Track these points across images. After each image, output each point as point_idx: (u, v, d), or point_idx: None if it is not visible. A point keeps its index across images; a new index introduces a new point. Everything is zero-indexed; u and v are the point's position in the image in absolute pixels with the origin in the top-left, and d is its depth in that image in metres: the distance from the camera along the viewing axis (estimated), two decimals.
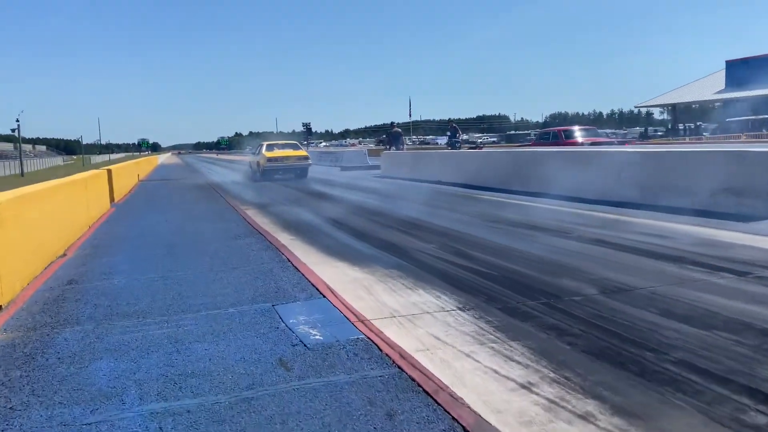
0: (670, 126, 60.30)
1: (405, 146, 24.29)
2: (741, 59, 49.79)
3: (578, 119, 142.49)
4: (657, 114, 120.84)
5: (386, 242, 7.20)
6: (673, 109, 58.79)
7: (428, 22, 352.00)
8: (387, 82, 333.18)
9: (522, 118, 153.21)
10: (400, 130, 22.98)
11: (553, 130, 21.69)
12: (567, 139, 19.75)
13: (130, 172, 21.04)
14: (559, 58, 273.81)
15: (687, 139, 31.39)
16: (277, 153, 21.05)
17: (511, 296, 4.55)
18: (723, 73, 52.45)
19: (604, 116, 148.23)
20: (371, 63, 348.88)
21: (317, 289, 4.96)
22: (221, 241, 7.79)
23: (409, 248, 6.73)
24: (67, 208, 8.27)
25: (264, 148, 21.48)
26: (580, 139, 19.40)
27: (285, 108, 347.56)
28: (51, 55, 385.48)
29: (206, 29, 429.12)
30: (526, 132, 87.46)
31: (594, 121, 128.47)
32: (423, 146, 64.86)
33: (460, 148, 22.27)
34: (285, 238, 7.82)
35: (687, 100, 55.18)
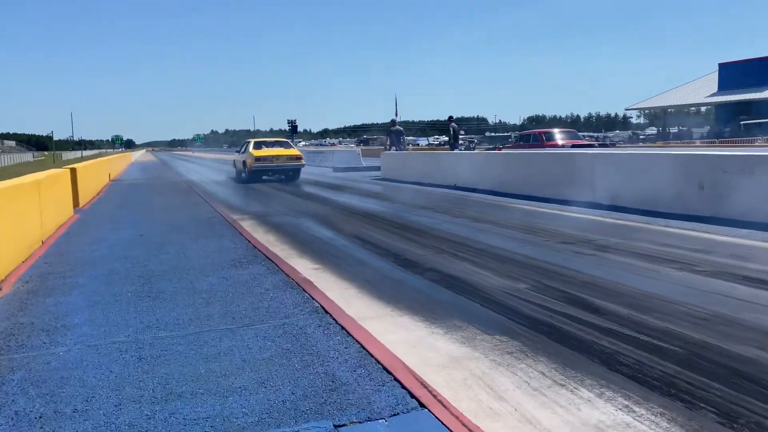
0: (660, 129, 59.21)
1: (407, 146, 22.24)
2: (734, 62, 48.83)
3: (556, 122, 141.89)
4: (634, 118, 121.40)
5: (452, 277, 5.20)
6: (663, 112, 57.75)
7: (407, 23, 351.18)
8: (366, 83, 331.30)
9: (500, 120, 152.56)
10: (401, 128, 20.94)
11: (534, 132, 21.29)
12: (548, 141, 19.51)
13: (101, 171, 18.71)
14: (538, 60, 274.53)
15: (698, 143, 29.90)
16: (266, 152, 18.93)
17: (760, 409, 2.58)
18: (713, 76, 51.52)
19: (582, 119, 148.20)
20: (350, 63, 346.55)
21: (399, 382, 2.94)
22: (217, 271, 5.73)
23: (494, 289, 4.73)
24: (7, 221, 6.13)
25: (251, 146, 19.34)
26: (560, 142, 19.18)
27: (262, 107, 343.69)
28: (23, 48, 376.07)
29: (182, 25, 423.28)
30: (505, 134, 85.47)
31: (571, 124, 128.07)
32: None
33: (474, 148, 20.35)
34: (306, 267, 5.78)
35: (678, 103, 54.14)
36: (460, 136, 21.29)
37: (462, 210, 10.13)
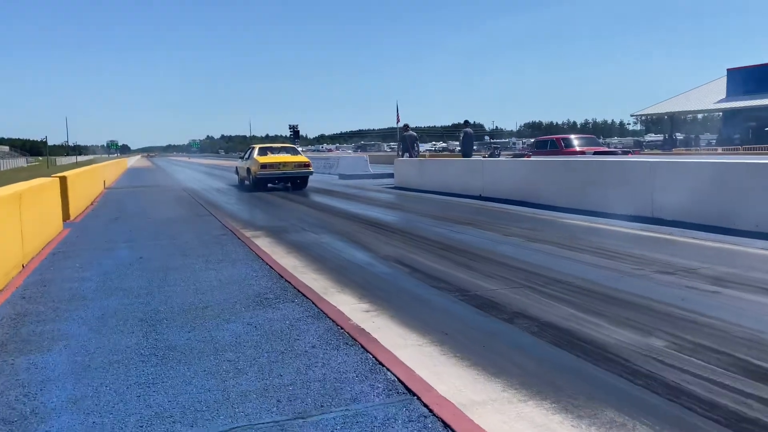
0: (666, 135, 58.20)
1: (419, 152, 20.97)
2: (743, 68, 47.81)
3: (553, 128, 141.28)
4: (631, 125, 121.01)
5: (556, 328, 3.94)
6: (670, 118, 56.73)
7: (404, 31, 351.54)
8: (362, 89, 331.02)
9: (497, 127, 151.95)
10: (414, 133, 19.68)
11: (552, 138, 20.25)
12: (567, 147, 18.67)
13: (94, 178, 17.40)
14: (534, 67, 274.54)
15: (720, 150, 28.80)
16: (272, 158, 17.73)
17: None
18: (718, 83, 50.58)
19: (578, 126, 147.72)
20: (346, 69, 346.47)
21: None
22: (240, 312, 4.48)
23: (624, 349, 3.48)
24: None
25: (256, 152, 18.14)
26: (579, 148, 18.37)
27: (259, 112, 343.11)
28: (18, 52, 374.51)
29: (177, 30, 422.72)
30: (500, 140, 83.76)
31: (567, 131, 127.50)
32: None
33: (499, 155, 19.13)
34: (353, 308, 4.53)
35: (686, 109, 53.19)
36: (478, 142, 19.94)
37: (505, 226, 8.89)
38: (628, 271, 5.57)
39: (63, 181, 10.73)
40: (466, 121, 20.01)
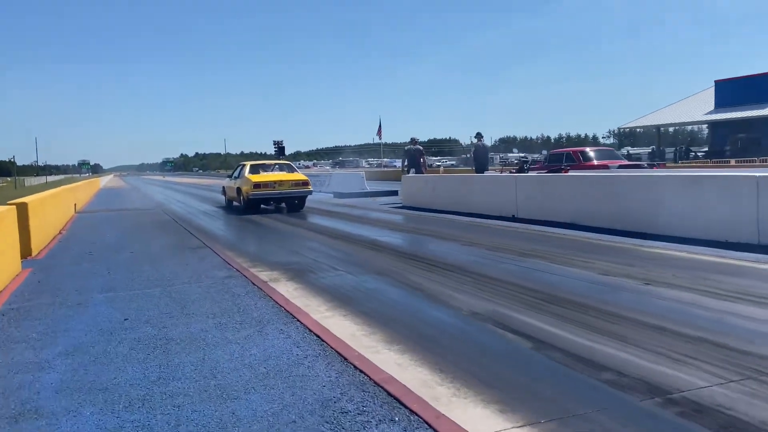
0: (654, 148, 57.44)
1: (427, 166, 19.13)
2: (731, 79, 47.31)
3: (527, 144, 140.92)
4: (602, 139, 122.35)
5: None
6: (657, 131, 56.04)
7: (381, 47, 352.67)
8: (336, 104, 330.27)
9: (472, 141, 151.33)
10: (421, 147, 17.87)
11: (568, 151, 18.72)
12: (585, 161, 17.24)
13: (63, 203, 15.15)
14: (509, 82, 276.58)
15: (733, 162, 27.51)
16: (266, 177, 15.78)
17: None
18: (704, 94, 50.07)
19: (552, 140, 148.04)
20: (321, 86, 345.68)
21: None
22: None
23: None
24: None
25: (247, 170, 16.17)
26: (597, 161, 16.93)
27: (233, 129, 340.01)
28: None
29: (149, 49, 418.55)
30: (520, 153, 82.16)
31: (542, 145, 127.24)
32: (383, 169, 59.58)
33: (528, 170, 17.34)
34: None
35: (674, 121, 52.56)
36: (506, 156, 18.11)
37: (583, 258, 7.07)
38: None
39: (22, 209, 8.65)
40: (479, 134, 18.25)
